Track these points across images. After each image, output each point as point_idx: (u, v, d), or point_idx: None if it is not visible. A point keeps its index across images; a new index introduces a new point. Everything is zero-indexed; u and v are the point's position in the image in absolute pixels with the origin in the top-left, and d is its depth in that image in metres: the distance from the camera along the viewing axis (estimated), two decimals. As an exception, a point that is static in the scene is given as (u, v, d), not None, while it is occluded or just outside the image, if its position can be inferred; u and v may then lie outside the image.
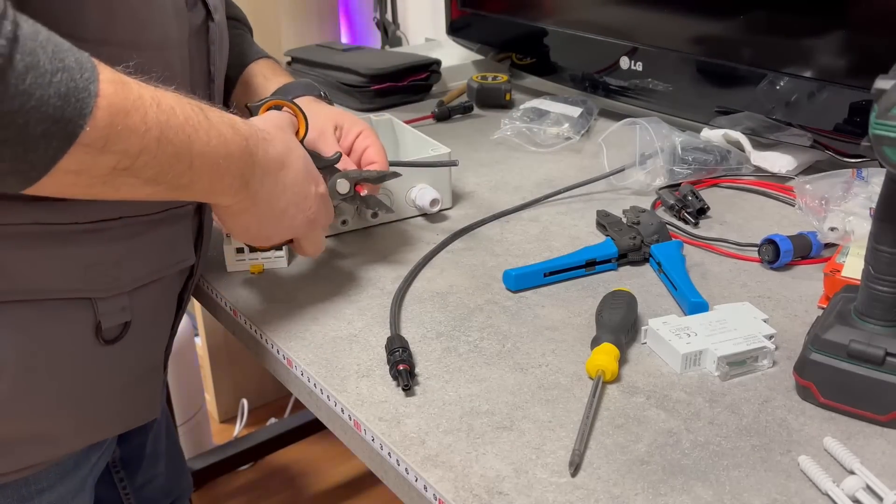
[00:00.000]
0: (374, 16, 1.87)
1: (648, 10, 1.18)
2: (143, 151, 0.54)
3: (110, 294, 0.67)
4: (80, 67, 0.49)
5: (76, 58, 0.50)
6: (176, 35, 0.67)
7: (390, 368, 0.67)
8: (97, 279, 0.66)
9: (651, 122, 1.02)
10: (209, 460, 1.77)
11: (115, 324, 0.68)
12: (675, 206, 0.94)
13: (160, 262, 0.72)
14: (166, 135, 0.55)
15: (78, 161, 0.51)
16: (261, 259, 0.85)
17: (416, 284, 0.81)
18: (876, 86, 0.52)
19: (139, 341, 0.72)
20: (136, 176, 0.55)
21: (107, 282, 0.67)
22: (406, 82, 1.39)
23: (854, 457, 0.56)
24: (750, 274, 0.82)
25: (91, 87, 0.50)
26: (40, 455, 0.67)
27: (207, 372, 2.06)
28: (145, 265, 0.70)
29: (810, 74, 0.97)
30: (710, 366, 0.66)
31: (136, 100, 0.53)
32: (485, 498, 0.54)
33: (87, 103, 0.49)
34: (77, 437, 0.70)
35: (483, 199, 1.01)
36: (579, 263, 0.81)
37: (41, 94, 0.47)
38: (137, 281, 0.70)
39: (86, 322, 0.66)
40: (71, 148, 0.50)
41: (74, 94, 0.49)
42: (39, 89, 0.47)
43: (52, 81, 0.47)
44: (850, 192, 0.83)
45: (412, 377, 0.66)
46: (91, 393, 0.69)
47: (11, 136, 0.47)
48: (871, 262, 0.59)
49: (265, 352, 0.76)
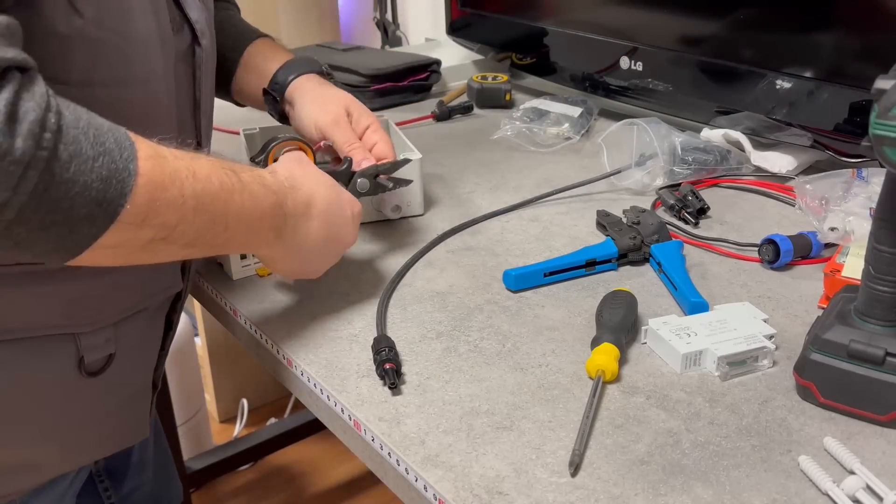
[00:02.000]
0: (374, 16, 1.87)
1: (648, 10, 1.18)
2: (181, 222, 0.55)
3: (94, 328, 0.67)
4: (119, 148, 0.51)
5: (115, 138, 0.51)
6: (161, 66, 0.66)
7: (376, 368, 0.67)
8: (80, 314, 0.65)
9: (650, 123, 1.02)
10: (209, 460, 1.77)
11: (99, 357, 0.68)
12: (675, 206, 0.94)
13: (145, 293, 0.72)
14: (203, 203, 0.56)
15: (118, 237, 0.52)
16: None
17: (416, 284, 0.81)
18: (876, 86, 0.52)
19: (125, 370, 0.71)
20: (173, 243, 0.56)
21: (90, 315, 0.66)
22: (406, 82, 1.39)
23: (854, 457, 0.56)
24: (750, 274, 0.82)
25: (130, 167, 0.51)
26: (23, 482, 0.67)
27: (207, 372, 2.06)
28: (130, 297, 0.70)
29: (810, 74, 0.97)
30: (711, 366, 0.66)
31: (172, 173, 0.54)
32: (485, 498, 0.54)
33: (126, 183, 0.51)
34: (62, 463, 0.70)
35: (483, 199, 1.01)
36: (579, 263, 0.81)
37: (84, 179, 0.48)
38: (122, 313, 0.69)
39: (68, 356, 0.66)
40: (112, 226, 0.51)
41: (115, 176, 0.50)
42: (83, 175, 0.48)
43: (93, 167, 0.49)
44: (850, 192, 0.83)
45: (398, 376, 0.66)
46: (75, 422, 0.68)
47: (59, 219, 0.49)
48: (872, 262, 0.59)
49: (265, 352, 0.76)
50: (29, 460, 0.66)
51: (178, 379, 1.78)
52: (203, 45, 0.71)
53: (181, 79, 0.70)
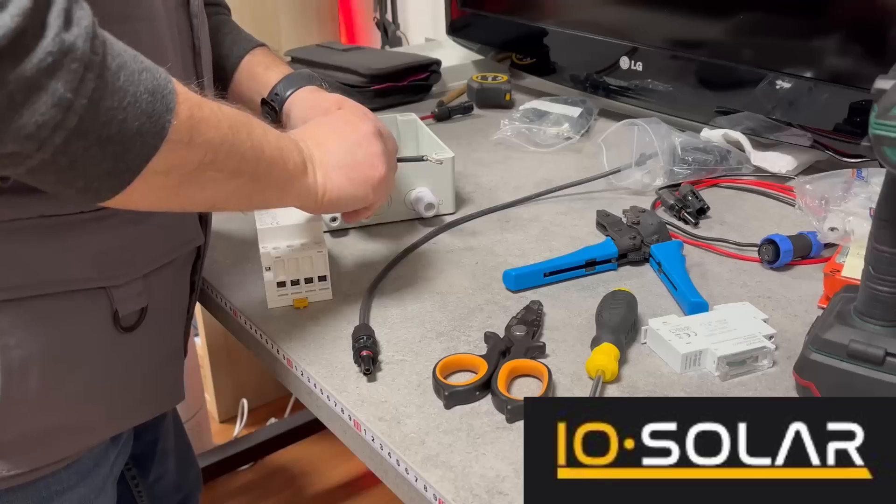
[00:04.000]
0: (374, 16, 1.87)
1: (648, 10, 1.18)
2: (223, 140, 0.57)
3: (125, 281, 0.67)
4: (155, 68, 0.52)
5: (149, 62, 0.52)
6: (162, 7, 0.67)
7: (353, 355, 0.68)
8: (110, 266, 0.66)
9: (650, 123, 1.02)
10: (209, 460, 1.77)
11: (133, 310, 0.69)
12: (675, 206, 0.94)
13: (170, 244, 0.73)
14: (235, 123, 0.59)
15: (168, 159, 0.53)
16: (304, 292, 0.78)
17: (416, 284, 0.81)
18: (876, 86, 0.52)
19: (157, 326, 0.72)
20: (220, 169, 0.58)
21: (120, 268, 0.67)
22: (406, 82, 1.39)
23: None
24: (750, 274, 0.82)
25: (170, 85, 0.52)
26: (76, 445, 0.68)
27: (207, 372, 2.06)
28: (155, 248, 0.71)
29: (810, 74, 0.97)
30: (710, 366, 0.66)
31: (200, 97, 0.56)
32: (485, 498, 0.54)
33: (171, 98, 0.52)
34: (109, 425, 0.71)
35: (483, 199, 1.01)
36: (579, 263, 0.81)
37: (133, 90, 0.49)
38: (150, 265, 0.70)
39: (103, 311, 0.67)
40: (162, 145, 0.51)
41: (160, 91, 0.51)
42: (132, 86, 0.49)
43: (140, 79, 0.50)
44: (850, 192, 0.83)
45: (374, 363, 0.67)
46: (117, 381, 0.69)
47: (114, 132, 0.49)
48: (872, 262, 0.59)
49: (265, 352, 0.76)
50: (78, 422, 0.67)
51: (178, 379, 1.78)
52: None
53: (180, 26, 0.71)
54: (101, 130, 0.48)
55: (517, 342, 0.69)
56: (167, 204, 0.59)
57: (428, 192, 0.94)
